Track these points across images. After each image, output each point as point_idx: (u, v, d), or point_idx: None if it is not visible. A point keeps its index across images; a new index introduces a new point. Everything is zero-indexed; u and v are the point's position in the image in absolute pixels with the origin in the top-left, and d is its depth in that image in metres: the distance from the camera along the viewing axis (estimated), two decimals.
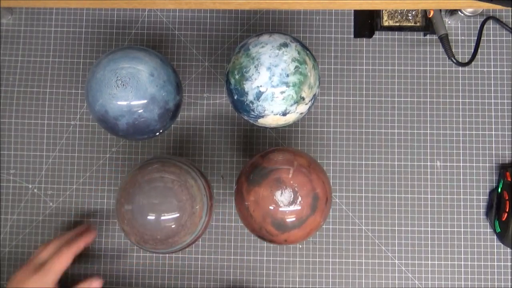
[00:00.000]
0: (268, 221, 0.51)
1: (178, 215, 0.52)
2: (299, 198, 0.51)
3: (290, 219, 0.51)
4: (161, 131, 0.57)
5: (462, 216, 0.63)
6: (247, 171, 0.54)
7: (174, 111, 0.56)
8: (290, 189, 0.51)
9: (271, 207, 0.51)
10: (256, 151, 0.64)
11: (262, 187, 0.51)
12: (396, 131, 0.64)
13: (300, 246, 0.63)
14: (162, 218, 0.51)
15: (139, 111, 0.52)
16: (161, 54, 0.57)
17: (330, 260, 0.62)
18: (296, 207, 0.51)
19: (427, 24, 0.63)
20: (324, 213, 0.53)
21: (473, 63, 0.63)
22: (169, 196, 0.52)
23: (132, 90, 0.51)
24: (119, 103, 0.52)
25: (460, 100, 0.64)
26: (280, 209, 0.51)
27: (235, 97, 0.51)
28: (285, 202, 0.51)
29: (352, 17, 0.65)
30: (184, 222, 0.52)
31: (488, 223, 0.62)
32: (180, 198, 0.52)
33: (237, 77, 0.50)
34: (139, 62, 0.52)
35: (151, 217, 0.51)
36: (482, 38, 0.62)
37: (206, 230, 0.56)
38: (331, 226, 0.63)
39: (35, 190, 0.63)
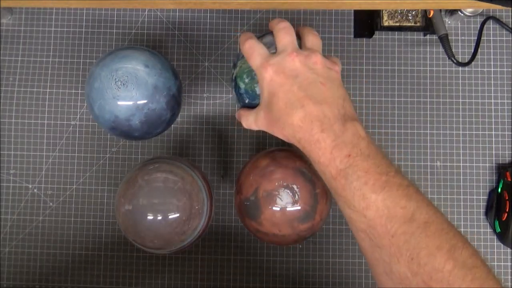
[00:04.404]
0: (296, 225, 0.51)
1: (178, 215, 0.52)
2: (294, 186, 0.51)
3: (307, 203, 0.51)
4: (172, 120, 0.57)
5: (462, 216, 0.63)
6: (242, 213, 0.54)
7: (178, 96, 0.56)
8: (282, 188, 0.51)
9: (288, 215, 0.51)
10: (256, 151, 0.64)
11: (265, 212, 0.51)
12: (396, 131, 0.64)
13: (300, 246, 0.62)
14: (162, 218, 0.51)
15: (147, 105, 0.52)
16: (154, 50, 0.57)
17: (330, 260, 0.62)
18: (299, 192, 0.51)
19: (427, 24, 0.62)
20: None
21: (473, 63, 0.62)
22: (169, 196, 0.52)
23: (134, 86, 0.52)
24: (125, 103, 0.52)
25: (460, 100, 0.64)
26: (294, 208, 0.51)
27: (247, 101, 0.51)
28: (291, 200, 0.51)
29: (352, 17, 0.65)
30: (184, 222, 0.52)
31: (488, 223, 0.62)
32: (180, 198, 0.52)
33: (246, 81, 0.50)
34: (130, 59, 0.53)
35: (151, 217, 0.51)
36: (482, 38, 0.62)
37: (206, 230, 0.56)
38: (331, 226, 0.63)
39: (35, 190, 0.63)
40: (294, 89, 0.44)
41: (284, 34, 0.47)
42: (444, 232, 0.39)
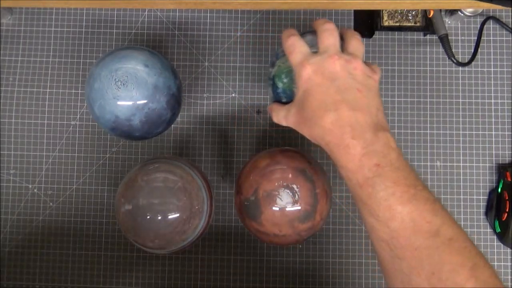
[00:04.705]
0: (297, 225, 0.51)
1: (178, 215, 0.52)
2: (294, 186, 0.51)
3: (307, 203, 0.51)
4: (172, 120, 0.57)
5: (462, 216, 0.63)
6: (242, 214, 0.54)
7: (178, 95, 0.56)
8: (282, 188, 0.51)
9: (288, 215, 0.51)
10: (256, 151, 0.64)
11: (265, 212, 0.51)
12: (396, 131, 0.64)
13: (300, 246, 0.62)
14: (162, 218, 0.51)
15: (147, 104, 0.52)
16: (154, 50, 0.57)
17: (330, 260, 0.62)
18: (299, 192, 0.51)
19: (427, 24, 0.63)
20: (316, 169, 0.53)
21: (473, 63, 0.63)
22: (169, 196, 0.52)
23: (134, 86, 0.52)
24: (126, 103, 0.52)
25: (460, 100, 0.64)
26: (294, 207, 0.51)
27: (284, 101, 0.51)
28: (291, 200, 0.51)
29: (352, 17, 0.65)
30: (184, 222, 0.52)
31: (488, 223, 0.62)
32: (180, 198, 0.52)
33: (285, 80, 0.49)
34: (129, 58, 0.53)
35: (150, 217, 0.51)
36: (482, 38, 0.62)
37: (206, 229, 0.56)
38: (331, 226, 0.63)
39: (35, 190, 0.63)
40: (331, 91, 0.43)
41: (328, 36, 0.46)
42: (467, 250, 0.40)
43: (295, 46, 0.46)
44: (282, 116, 0.48)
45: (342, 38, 0.48)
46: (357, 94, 0.43)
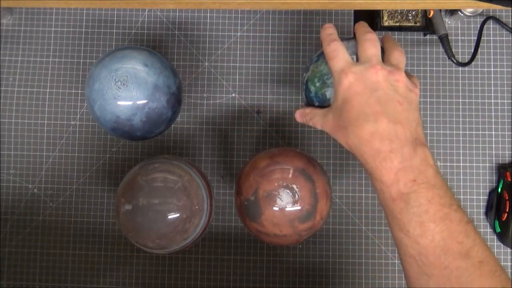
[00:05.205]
0: (297, 224, 0.51)
1: (178, 215, 0.52)
2: (294, 186, 0.51)
3: (307, 203, 0.51)
4: (173, 119, 0.57)
5: None
6: (242, 214, 0.54)
7: (178, 94, 0.56)
8: (282, 188, 0.51)
9: (288, 215, 0.51)
10: (256, 151, 0.64)
11: (265, 212, 0.51)
12: None
13: (300, 246, 0.62)
14: (162, 218, 0.51)
15: (148, 104, 0.52)
16: (154, 50, 0.57)
17: (330, 260, 0.62)
18: (299, 192, 0.51)
19: (427, 24, 0.63)
20: (316, 169, 0.53)
21: (473, 63, 0.63)
22: (169, 197, 0.52)
23: (134, 86, 0.52)
24: (126, 103, 0.52)
25: (460, 100, 0.64)
26: (294, 207, 0.51)
27: (316, 104, 0.51)
28: (291, 200, 0.51)
29: (352, 17, 0.65)
30: (185, 221, 0.52)
31: (488, 223, 0.62)
32: (180, 198, 0.52)
33: (317, 84, 0.49)
34: (129, 58, 0.53)
35: (151, 217, 0.51)
36: (482, 38, 0.62)
37: (206, 230, 0.56)
38: (331, 226, 0.63)
39: (35, 190, 0.63)
40: (371, 101, 0.43)
41: (370, 45, 0.46)
42: (497, 274, 0.40)
43: (338, 52, 0.46)
44: (318, 120, 0.48)
45: (382, 48, 0.47)
46: (398, 106, 0.43)
